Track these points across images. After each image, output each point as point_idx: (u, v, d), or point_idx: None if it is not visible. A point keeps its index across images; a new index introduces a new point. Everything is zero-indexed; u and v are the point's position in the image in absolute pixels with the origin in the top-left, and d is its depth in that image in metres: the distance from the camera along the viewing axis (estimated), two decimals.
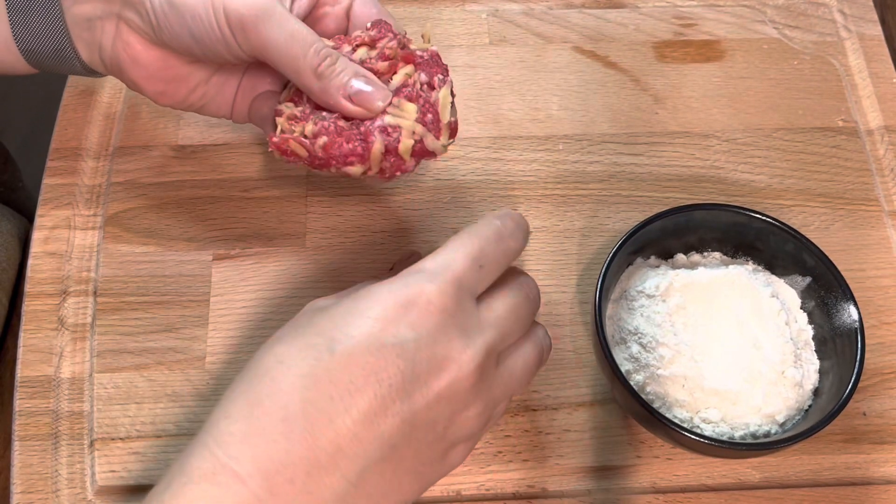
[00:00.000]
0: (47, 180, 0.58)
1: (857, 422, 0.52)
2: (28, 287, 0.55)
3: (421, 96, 0.44)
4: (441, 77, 0.45)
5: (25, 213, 0.68)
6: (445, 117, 0.45)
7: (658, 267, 0.53)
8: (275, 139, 0.45)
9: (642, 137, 0.61)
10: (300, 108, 0.45)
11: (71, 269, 0.55)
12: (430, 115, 0.44)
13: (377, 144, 0.43)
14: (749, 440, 0.47)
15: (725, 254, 0.53)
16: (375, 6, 0.47)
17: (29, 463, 0.50)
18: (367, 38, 0.46)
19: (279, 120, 0.45)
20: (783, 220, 0.51)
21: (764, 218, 0.51)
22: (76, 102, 0.61)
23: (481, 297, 0.39)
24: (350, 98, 0.43)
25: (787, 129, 0.62)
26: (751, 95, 0.63)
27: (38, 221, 0.57)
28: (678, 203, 0.52)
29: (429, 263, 0.38)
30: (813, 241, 0.51)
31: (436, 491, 0.49)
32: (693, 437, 0.45)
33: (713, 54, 0.65)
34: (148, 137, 0.60)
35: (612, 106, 0.62)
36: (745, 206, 0.52)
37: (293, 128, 0.44)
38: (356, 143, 0.43)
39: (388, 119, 0.44)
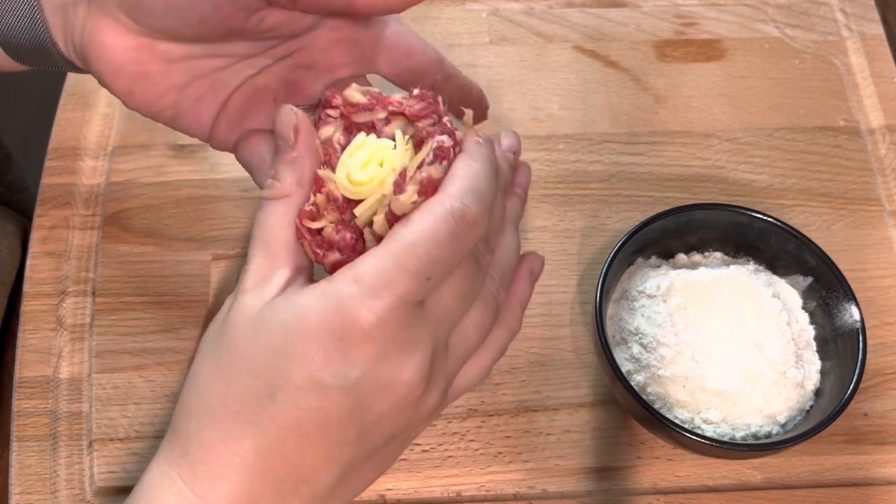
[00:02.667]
0: (46, 180, 0.58)
1: (858, 422, 0.52)
2: (27, 287, 0.55)
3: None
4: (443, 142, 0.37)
5: (28, 214, 0.67)
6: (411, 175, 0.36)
7: (659, 267, 0.53)
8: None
9: (643, 137, 0.61)
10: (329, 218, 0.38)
11: (69, 269, 0.55)
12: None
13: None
14: (750, 441, 0.47)
15: (727, 254, 0.53)
16: (419, 41, 0.41)
17: (27, 464, 0.50)
18: (407, 110, 0.38)
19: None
20: (784, 220, 0.51)
21: (765, 218, 0.51)
22: (74, 102, 0.61)
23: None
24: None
25: (788, 128, 0.62)
26: (752, 95, 0.63)
27: (36, 221, 0.57)
28: (679, 203, 0.52)
29: (366, 273, 0.34)
30: (814, 241, 0.51)
31: (436, 491, 0.49)
32: (694, 437, 0.45)
33: (714, 54, 0.64)
34: (147, 137, 0.59)
35: (613, 105, 0.62)
36: (746, 206, 0.52)
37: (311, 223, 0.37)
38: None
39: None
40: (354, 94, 0.38)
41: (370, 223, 0.36)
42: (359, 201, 0.37)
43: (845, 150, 0.61)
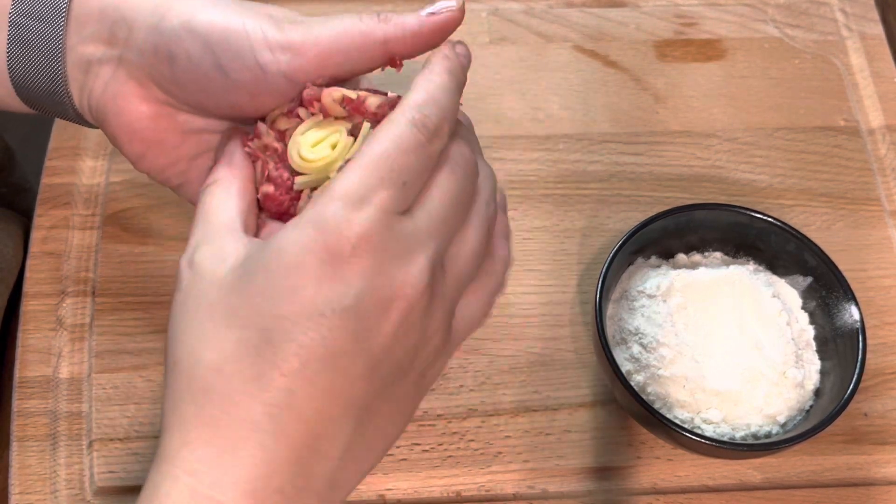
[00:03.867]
0: (46, 180, 0.58)
1: (858, 422, 0.52)
2: (26, 287, 0.55)
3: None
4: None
5: (32, 215, 0.67)
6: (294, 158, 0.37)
7: (659, 267, 0.53)
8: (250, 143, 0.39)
9: (643, 137, 0.61)
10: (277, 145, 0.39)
11: (69, 269, 0.55)
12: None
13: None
14: (750, 441, 0.47)
15: (727, 254, 0.53)
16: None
17: (27, 464, 0.50)
18: (379, 113, 0.37)
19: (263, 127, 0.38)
20: (784, 220, 0.51)
21: (765, 218, 0.51)
22: None
23: (413, 205, 0.34)
24: (431, 13, 0.37)
25: (788, 128, 0.62)
26: (752, 95, 0.63)
27: (36, 221, 0.57)
28: (679, 203, 0.52)
29: (343, 189, 0.32)
30: (814, 241, 0.51)
31: (436, 491, 0.49)
32: (694, 437, 0.45)
33: (714, 53, 0.64)
34: None
35: (613, 105, 0.62)
36: (746, 206, 0.52)
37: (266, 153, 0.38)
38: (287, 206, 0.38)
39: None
40: (332, 103, 0.37)
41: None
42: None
43: (845, 150, 0.61)
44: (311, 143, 0.37)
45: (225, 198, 0.37)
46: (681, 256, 0.53)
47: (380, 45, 0.37)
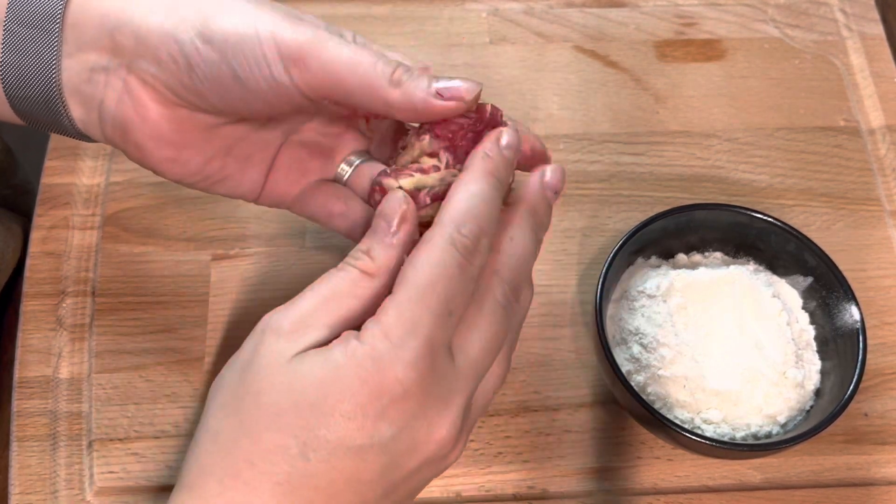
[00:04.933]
0: (45, 180, 0.58)
1: (858, 422, 0.52)
2: (26, 287, 0.55)
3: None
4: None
5: (32, 216, 0.67)
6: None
7: (659, 267, 0.52)
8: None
9: (643, 137, 0.61)
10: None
11: (69, 270, 0.55)
12: None
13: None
14: (750, 441, 0.47)
15: (727, 254, 0.53)
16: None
17: (27, 464, 0.50)
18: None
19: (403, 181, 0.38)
20: (784, 220, 0.51)
21: (765, 218, 0.51)
22: None
23: (455, 340, 0.35)
24: (439, 94, 0.37)
25: (788, 128, 0.62)
26: (752, 95, 0.63)
27: (36, 221, 0.57)
28: (679, 203, 0.52)
29: (393, 324, 0.33)
30: (814, 241, 0.51)
31: (435, 492, 0.49)
32: (694, 437, 0.45)
33: (714, 53, 0.64)
34: None
35: (613, 105, 0.62)
36: (746, 206, 0.52)
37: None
38: None
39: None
40: (409, 186, 0.37)
41: None
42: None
43: (845, 150, 0.61)
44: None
45: (357, 295, 0.35)
46: (681, 256, 0.53)
47: (383, 103, 0.37)
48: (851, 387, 0.46)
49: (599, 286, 0.48)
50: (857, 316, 0.48)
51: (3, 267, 0.57)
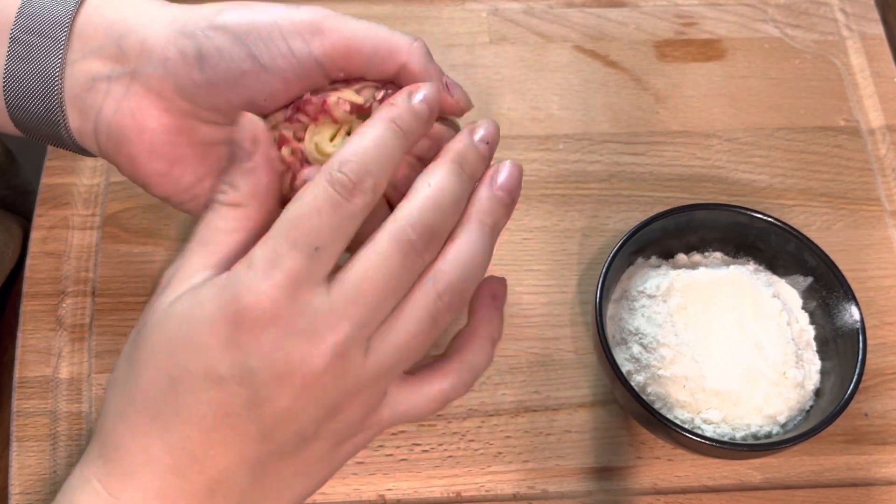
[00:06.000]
0: (45, 180, 0.58)
1: (858, 422, 0.52)
2: (26, 287, 0.55)
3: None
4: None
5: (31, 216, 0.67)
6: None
7: (659, 267, 0.52)
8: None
9: (643, 137, 0.61)
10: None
11: (69, 270, 0.55)
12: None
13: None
14: (750, 441, 0.47)
15: (727, 254, 0.53)
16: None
17: (27, 464, 0.50)
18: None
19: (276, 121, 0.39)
20: (784, 220, 0.51)
21: (765, 218, 0.51)
22: None
23: (333, 275, 0.33)
24: (448, 87, 0.38)
25: (788, 128, 0.62)
26: (752, 95, 0.63)
27: (35, 221, 0.57)
28: (679, 203, 0.52)
29: (258, 256, 0.33)
30: (814, 241, 0.51)
31: (436, 491, 0.49)
32: (694, 437, 0.45)
33: (714, 53, 0.64)
34: None
35: (613, 105, 0.62)
36: (746, 206, 0.52)
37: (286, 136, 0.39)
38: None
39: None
40: (343, 114, 0.38)
41: None
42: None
43: (845, 150, 0.61)
44: (329, 138, 0.38)
45: (233, 228, 0.35)
46: (681, 256, 0.53)
47: (397, 65, 0.37)
48: (851, 387, 0.46)
49: (599, 286, 0.48)
50: (857, 316, 0.48)
51: (2, 267, 0.57)
